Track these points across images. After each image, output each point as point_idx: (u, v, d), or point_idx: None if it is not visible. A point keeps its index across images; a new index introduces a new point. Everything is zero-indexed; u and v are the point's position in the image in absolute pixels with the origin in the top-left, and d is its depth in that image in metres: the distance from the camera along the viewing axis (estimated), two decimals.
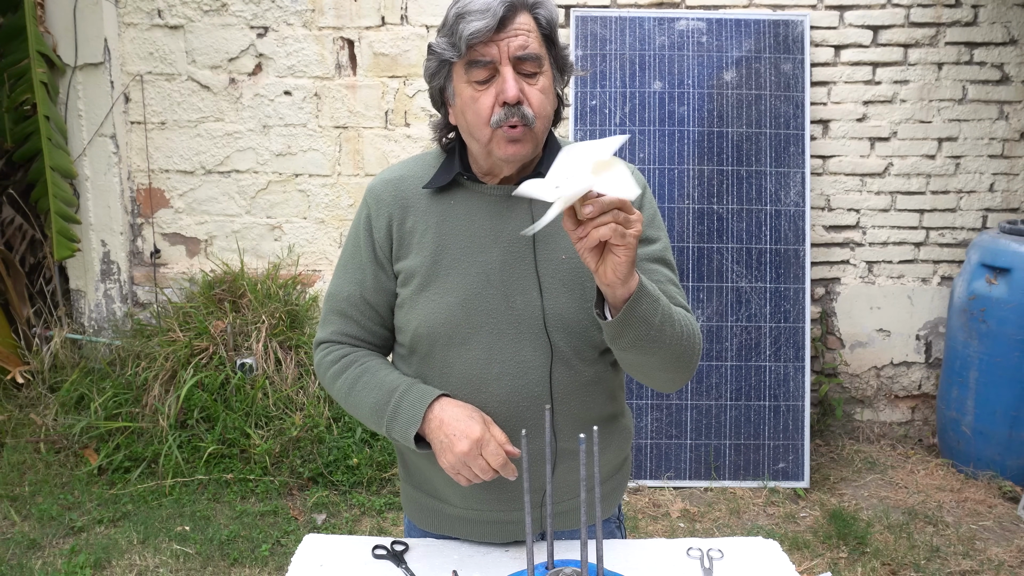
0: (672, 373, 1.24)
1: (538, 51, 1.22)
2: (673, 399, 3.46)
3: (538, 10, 1.23)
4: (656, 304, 1.14)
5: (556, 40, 1.27)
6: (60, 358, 3.76)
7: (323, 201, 3.87)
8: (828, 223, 3.81)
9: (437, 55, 1.25)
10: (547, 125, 1.27)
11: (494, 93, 1.21)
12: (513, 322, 1.28)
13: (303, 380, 3.55)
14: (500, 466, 1.20)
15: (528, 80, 1.22)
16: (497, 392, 1.28)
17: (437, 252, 1.30)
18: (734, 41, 3.58)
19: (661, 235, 1.35)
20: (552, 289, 1.28)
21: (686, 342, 1.22)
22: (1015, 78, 3.73)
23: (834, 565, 2.80)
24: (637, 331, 1.13)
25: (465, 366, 1.29)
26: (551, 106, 1.27)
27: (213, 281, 3.79)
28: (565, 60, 1.30)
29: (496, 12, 1.17)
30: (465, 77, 1.23)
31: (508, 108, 1.20)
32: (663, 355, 1.19)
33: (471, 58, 1.21)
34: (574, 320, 1.28)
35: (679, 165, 3.54)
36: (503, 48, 1.20)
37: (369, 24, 3.72)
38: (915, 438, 3.90)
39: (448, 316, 1.28)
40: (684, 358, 1.23)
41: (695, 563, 1.32)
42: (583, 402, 1.32)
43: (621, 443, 1.44)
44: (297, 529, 3.02)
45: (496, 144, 1.23)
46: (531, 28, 1.22)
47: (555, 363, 1.28)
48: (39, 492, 3.21)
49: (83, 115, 3.76)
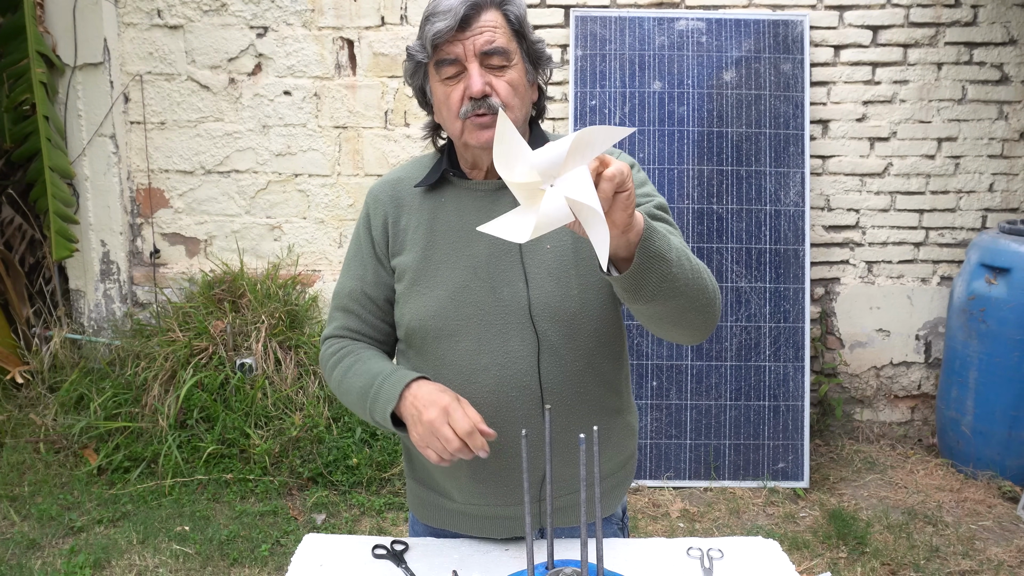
0: (700, 315, 1.20)
1: (505, 46, 1.27)
2: (673, 399, 3.46)
3: (507, 7, 1.28)
4: (667, 239, 1.10)
5: (527, 34, 1.31)
6: (60, 358, 3.76)
7: (323, 201, 3.87)
8: (828, 223, 3.81)
9: (412, 57, 1.32)
10: (520, 114, 1.31)
11: (463, 87, 1.26)
12: (500, 313, 1.30)
13: (303, 380, 3.55)
14: (466, 433, 1.17)
15: (496, 73, 1.27)
16: (486, 383, 1.30)
17: (428, 248, 1.35)
18: (734, 41, 3.58)
19: (651, 198, 1.33)
20: (538, 279, 1.30)
21: (704, 275, 1.19)
22: (1015, 78, 3.73)
23: (834, 565, 2.80)
24: (658, 270, 1.07)
25: (456, 358, 1.31)
26: (522, 96, 1.30)
27: (213, 281, 3.80)
28: (539, 53, 1.34)
29: (457, 12, 1.23)
30: (437, 76, 1.29)
31: (475, 101, 1.25)
32: (689, 293, 1.14)
33: (438, 57, 1.27)
34: (561, 308, 1.30)
35: (679, 165, 3.55)
36: (468, 46, 1.25)
37: (369, 24, 3.72)
38: (915, 438, 3.90)
39: (438, 309, 1.32)
40: (708, 294, 1.19)
41: (695, 563, 1.32)
42: (576, 392, 1.33)
43: (623, 440, 1.43)
44: (297, 529, 3.02)
45: (468, 133, 1.28)
46: (498, 24, 1.27)
47: (543, 352, 1.30)
48: (39, 492, 3.21)
49: (83, 115, 3.76)
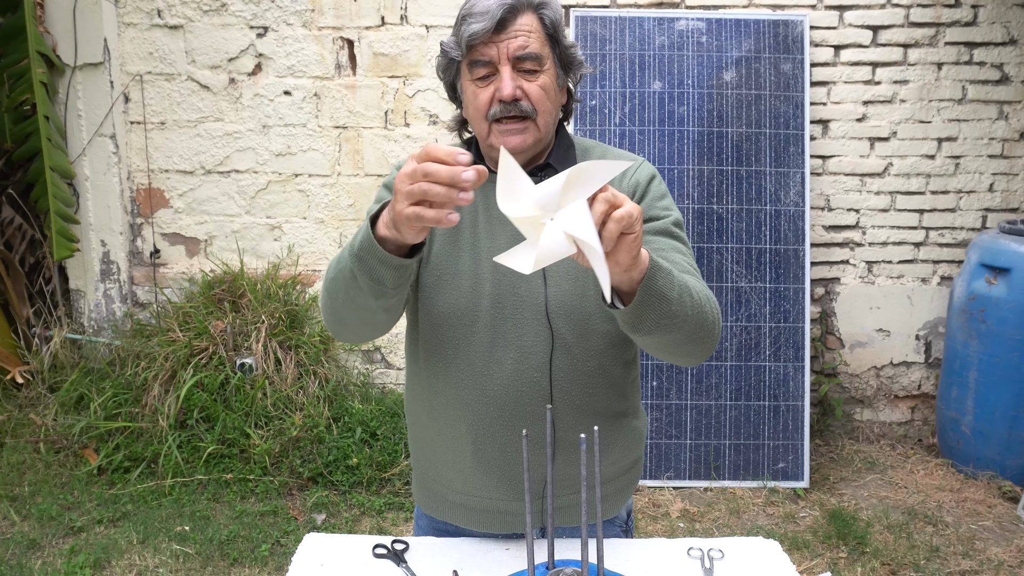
0: (698, 345, 1.20)
1: (539, 51, 1.26)
2: (673, 399, 3.46)
3: (543, 11, 1.28)
4: (671, 276, 1.09)
5: (560, 39, 1.31)
6: (60, 358, 3.76)
7: (323, 201, 3.87)
8: (828, 223, 3.81)
9: (446, 53, 1.31)
10: (549, 119, 1.31)
11: (493, 90, 1.26)
12: (518, 307, 1.31)
13: (303, 380, 3.55)
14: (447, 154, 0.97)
15: (528, 77, 1.26)
16: (499, 375, 1.31)
17: (450, 237, 1.35)
18: (734, 41, 3.58)
19: (668, 213, 1.33)
20: (556, 277, 1.31)
21: (707, 308, 1.18)
22: (1015, 78, 3.73)
23: (834, 565, 2.80)
24: (659, 309, 1.07)
25: (469, 348, 1.32)
26: (553, 101, 1.31)
27: (213, 281, 3.80)
28: (571, 58, 1.34)
29: (494, 15, 1.23)
30: (468, 75, 1.29)
31: (504, 104, 1.25)
32: (688, 328, 1.14)
33: (472, 58, 1.27)
34: (577, 308, 1.30)
35: (679, 165, 3.55)
36: (502, 49, 1.25)
37: (369, 24, 3.72)
38: (915, 438, 3.90)
39: (457, 298, 1.32)
40: (707, 326, 1.19)
41: (695, 563, 1.32)
42: (585, 392, 1.33)
43: (629, 444, 1.43)
44: (297, 529, 3.02)
45: (494, 137, 1.28)
46: (533, 28, 1.26)
47: (556, 350, 1.30)
48: (39, 492, 3.21)
49: (83, 115, 3.76)
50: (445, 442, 1.38)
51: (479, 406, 1.32)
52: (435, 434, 1.40)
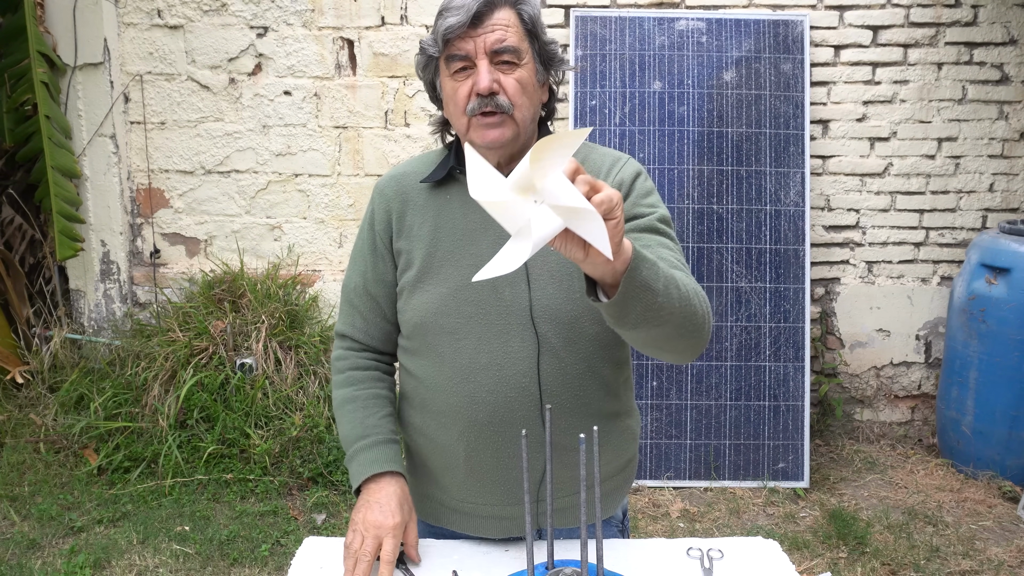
0: (687, 340, 1.17)
1: (516, 45, 1.26)
2: (673, 399, 3.46)
3: (521, 6, 1.28)
4: (656, 268, 1.06)
5: (539, 35, 1.30)
6: (60, 358, 3.76)
7: (323, 201, 3.87)
8: (828, 223, 3.81)
9: (424, 51, 1.33)
10: (527, 114, 1.29)
11: (471, 84, 1.26)
12: (502, 313, 1.30)
13: (303, 380, 3.55)
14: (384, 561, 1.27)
15: (505, 70, 1.26)
16: (485, 382, 1.30)
17: (432, 244, 1.35)
18: (734, 41, 3.58)
19: (654, 210, 1.31)
20: (540, 281, 1.30)
21: (695, 301, 1.15)
22: (1015, 78, 3.73)
23: (834, 565, 2.80)
24: (643, 301, 1.04)
25: (456, 356, 1.31)
26: (531, 96, 1.29)
27: (213, 281, 3.80)
28: (551, 54, 1.33)
29: (470, 9, 1.23)
30: (446, 71, 1.29)
31: (482, 98, 1.25)
32: (675, 321, 1.11)
33: (449, 52, 1.27)
34: (562, 311, 1.29)
35: (679, 165, 3.55)
36: (479, 43, 1.25)
37: (369, 24, 3.72)
38: (915, 438, 3.90)
39: (440, 306, 1.32)
40: (696, 320, 1.15)
41: (695, 563, 1.32)
42: (575, 395, 1.32)
43: (623, 444, 1.42)
44: (297, 529, 3.02)
45: (474, 132, 1.28)
46: (511, 23, 1.26)
47: (542, 354, 1.29)
48: (39, 492, 3.21)
49: (83, 115, 3.76)
50: (438, 449, 1.38)
51: (469, 413, 1.31)
52: (427, 442, 1.40)
